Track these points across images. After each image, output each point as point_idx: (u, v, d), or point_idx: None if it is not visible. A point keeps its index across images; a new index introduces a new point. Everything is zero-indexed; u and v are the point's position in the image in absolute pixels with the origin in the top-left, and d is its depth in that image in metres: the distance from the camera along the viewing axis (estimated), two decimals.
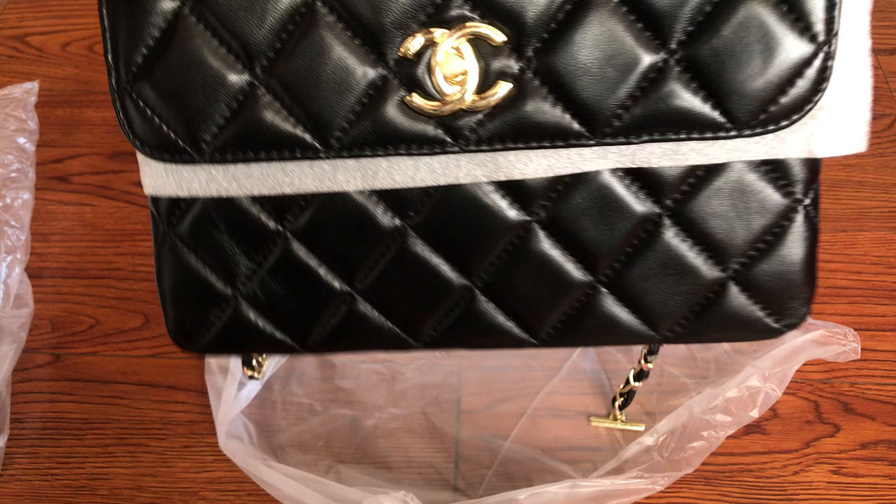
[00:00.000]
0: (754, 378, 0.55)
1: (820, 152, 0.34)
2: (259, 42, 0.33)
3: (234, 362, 0.60)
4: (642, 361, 0.51)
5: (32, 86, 0.66)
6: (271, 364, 0.63)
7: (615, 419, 0.61)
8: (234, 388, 0.59)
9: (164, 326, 0.67)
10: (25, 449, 0.61)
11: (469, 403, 0.63)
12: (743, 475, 0.60)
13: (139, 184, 0.75)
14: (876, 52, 0.87)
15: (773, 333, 0.38)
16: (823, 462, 0.61)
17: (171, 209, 0.38)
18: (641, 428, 0.60)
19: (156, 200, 0.38)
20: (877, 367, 0.65)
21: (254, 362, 0.53)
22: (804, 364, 0.59)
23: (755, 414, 0.56)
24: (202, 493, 0.59)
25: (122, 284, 0.69)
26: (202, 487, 0.59)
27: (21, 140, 0.63)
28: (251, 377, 0.55)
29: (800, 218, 0.36)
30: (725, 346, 0.63)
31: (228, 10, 0.33)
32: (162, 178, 0.37)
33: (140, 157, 0.37)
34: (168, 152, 0.35)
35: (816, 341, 0.58)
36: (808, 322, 0.60)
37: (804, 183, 0.35)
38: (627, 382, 0.56)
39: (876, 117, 0.82)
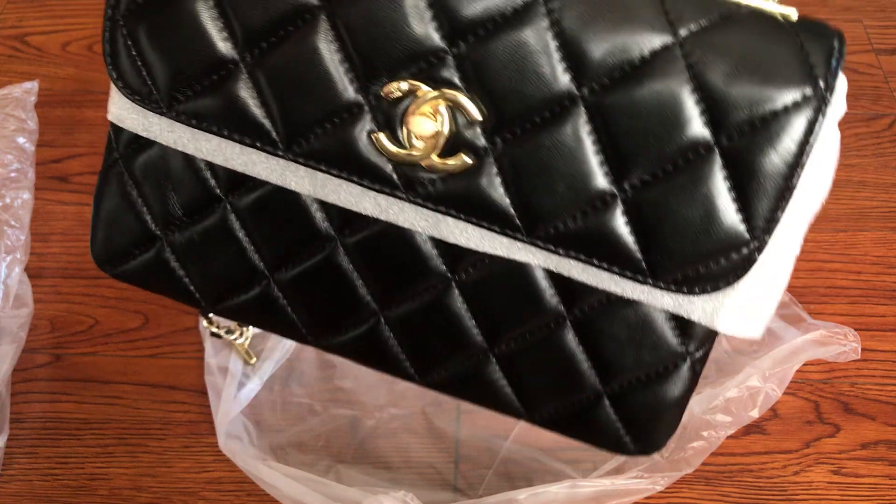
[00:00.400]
0: (754, 378, 0.55)
1: (719, 327, 0.35)
2: (257, 29, 0.33)
3: (234, 362, 0.60)
4: None
5: (32, 85, 0.66)
6: (271, 364, 0.63)
7: None
8: (233, 388, 0.59)
9: (164, 326, 0.67)
10: (25, 449, 0.61)
11: (469, 403, 0.63)
12: (743, 475, 0.60)
13: None
14: (876, 51, 0.87)
15: (626, 451, 0.40)
16: (824, 462, 0.61)
17: (130, 142, 0.39)
18: None
19: (117, 129, 0.39)
20: (877, 367, 0.65)
21: (243, 348, 0.53)
22: (804, 364, 0.59)
23: (755, 414, 0.56)
24: (202, 494, 0.59)
25: (121, 284, 0.69)
26: (202, 488, 0.59)
27: (21, 140, 0.63)
28: (245, 362, 0.55)
29: (685, 367, 0.37)
30: (725, 345, 0.63)
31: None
32: (128, 112, 0.38)
33: (112, 84, 0.37)
34: (139, 95, 0.36)
35: (816, 341, 0.58)
36: (808, 322, 0.60)
37: (700, 340, 0.37)
38: None
39: (876, 117, 0.82)
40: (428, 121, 0.32)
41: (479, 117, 0.32)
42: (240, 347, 0.56)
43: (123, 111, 0.38)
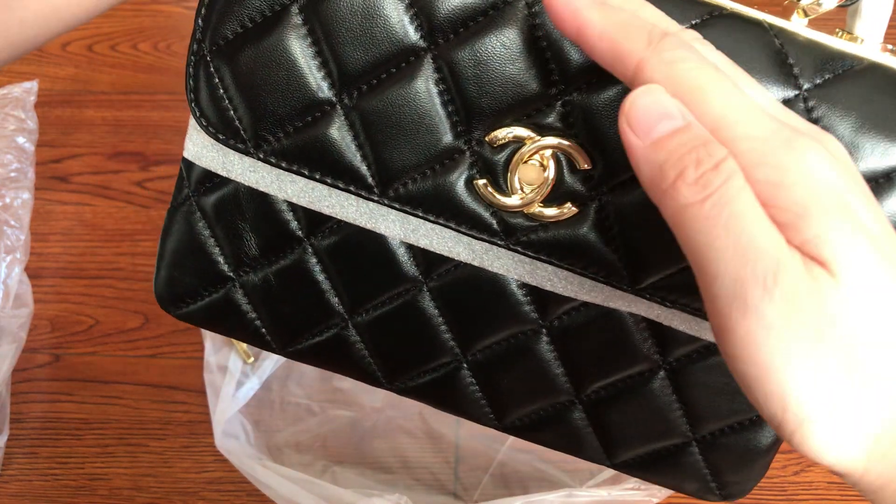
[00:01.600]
0: None
1: None
2: (356, 71, 0.32)
3: (234, 361, 0.60)
4: None
5: (32, 85, 0.66)
6: (270, 364, 0.63)
7: None
8: (231, 386, 0.59)
9: (164, 326, 0.67)
10: (25, 449, 0.61)
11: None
12: None
13: (139, 184, 0.75)
14: None
15: (710, 498, 0.40)
16: None
17: (203, 179, 0.37)
18: None
19: (189, 164, 0.37)
20: None
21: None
22: None
23: None
24: (202, 494, 0.59)
25: (121, 284, 0.69)
26: (202, 488, 0.59)
27: (20, 140, 0.63)
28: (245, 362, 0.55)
29: None
30: None
31: (338, 27, 0.32)
32: (206, 150, 0.36)
33: (192, 121, 0.36)
34: (224, 135, 0.34)
35: None
36: None
37: None
38: None
39: None
40: (536, 169, 0.31)
41: (589, 166, 0.31)
42: (239, 346, 0.56)
43: (201, 150, 0.36)
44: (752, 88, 0.27)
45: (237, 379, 0.59)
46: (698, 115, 0.25)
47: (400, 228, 0.35)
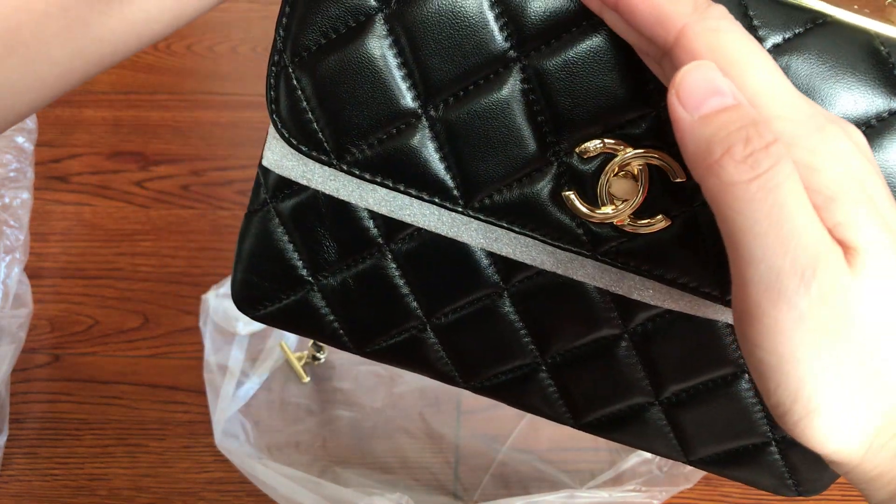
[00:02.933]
0: None
1: None
2: (443, 82, 0.31)
3: (234, 360, 0.60)
4: None
5: None
6: (270, 364, 0.63)
7: None
8: (232, 386, 0.59)
9: (163, 326, 0.67)
10: (25, 449, 0.61)
11: (468, 405, 0.63)
12: None
13: (139, 184, 0.75)
14: None
15: (787, 494, 0.40)
16: None
17: (281, 185, 0.36)
18: None
19: (266, 170, 0.37)
20: None
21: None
22: None
23: None
24: (202, 494, 0.59)
25: (121, 284, 0.69)
26: (202, 488, 0.59)
27: (19, 139, 0.63)
28: (314, 358, 0.55)
29: None
30: None
31: (426, 36, 0.31)
32: (285, 160, 0.35)
33: (272, 130, 0.35)
34: (307, 146, 0.33)
35: None
36: None
37: None
38: None
39: None
40: (628, 181, 0.31)
41: (683, 179, 0.30)
42: (296, 365, 0.55)
43: (281, 159, 0.35)
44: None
45: (237, 379, 0.59)
46: (736, 87, 0.25)
47: (483, 238, 0.35)
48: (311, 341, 0.63)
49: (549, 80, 0.31)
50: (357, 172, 0.33)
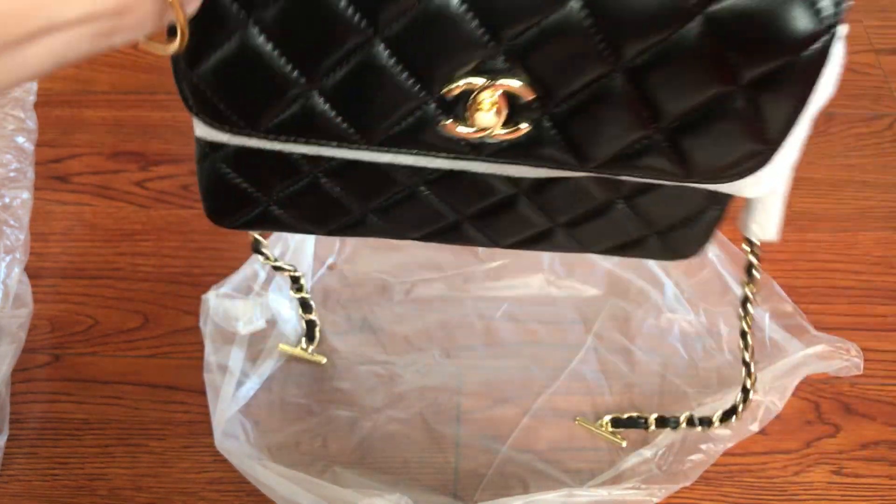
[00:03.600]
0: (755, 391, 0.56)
1: (745, 193, 0.44)
2: (318, 57, 0.37)
3: (234, 360, 0.60)
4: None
5: (31, 85, 0.66)
6: (270, 364, 0.63)
7: (601, 426, 0.61)
8: (232, 386, 0.59)
9: (163, 327, 0.67)
10: (25, 449, 0.61)
11: (468, 405, 0.63)
12: (743, 475, 0.60)
13: (139, 184, 0.75)
14: (876, 51, 0.87)
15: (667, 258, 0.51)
16: (824, 462, 0.61)
17: (216, 145, 0.44)
18: (623, 444, 0.60)
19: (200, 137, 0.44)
20: (877, 367, 0.65)
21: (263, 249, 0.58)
22: None
23: (755, 428, 0.57)
24: (202, 494, 0.59)
25: (121, 284, 0.69)
26: (202, 488, 0.59)
27: (20, 139, 0.63)
28: (265, 258, 0.58)
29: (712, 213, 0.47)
30: (728, 356, 0.63)
31: (292, 32, 0.36)
32: (213, 132, 0.42)
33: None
34: (226, 125, 0.40)
35: (819, 355, 0.58)
36: (812, 334, 0.60)
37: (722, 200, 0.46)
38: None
39: (876, 117, 0.82)
40: (489, 111, 0.38)
41: (531, 97, 0.38)
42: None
43: (209, 131, 0.42)
44: None
45: (237, 379, 0.59)
46: None
47: (391, 158, 0.43)
48: (304, 338, 0.64)
49: (405, 46, 0.37)
50: (272, 137, 0.40)
